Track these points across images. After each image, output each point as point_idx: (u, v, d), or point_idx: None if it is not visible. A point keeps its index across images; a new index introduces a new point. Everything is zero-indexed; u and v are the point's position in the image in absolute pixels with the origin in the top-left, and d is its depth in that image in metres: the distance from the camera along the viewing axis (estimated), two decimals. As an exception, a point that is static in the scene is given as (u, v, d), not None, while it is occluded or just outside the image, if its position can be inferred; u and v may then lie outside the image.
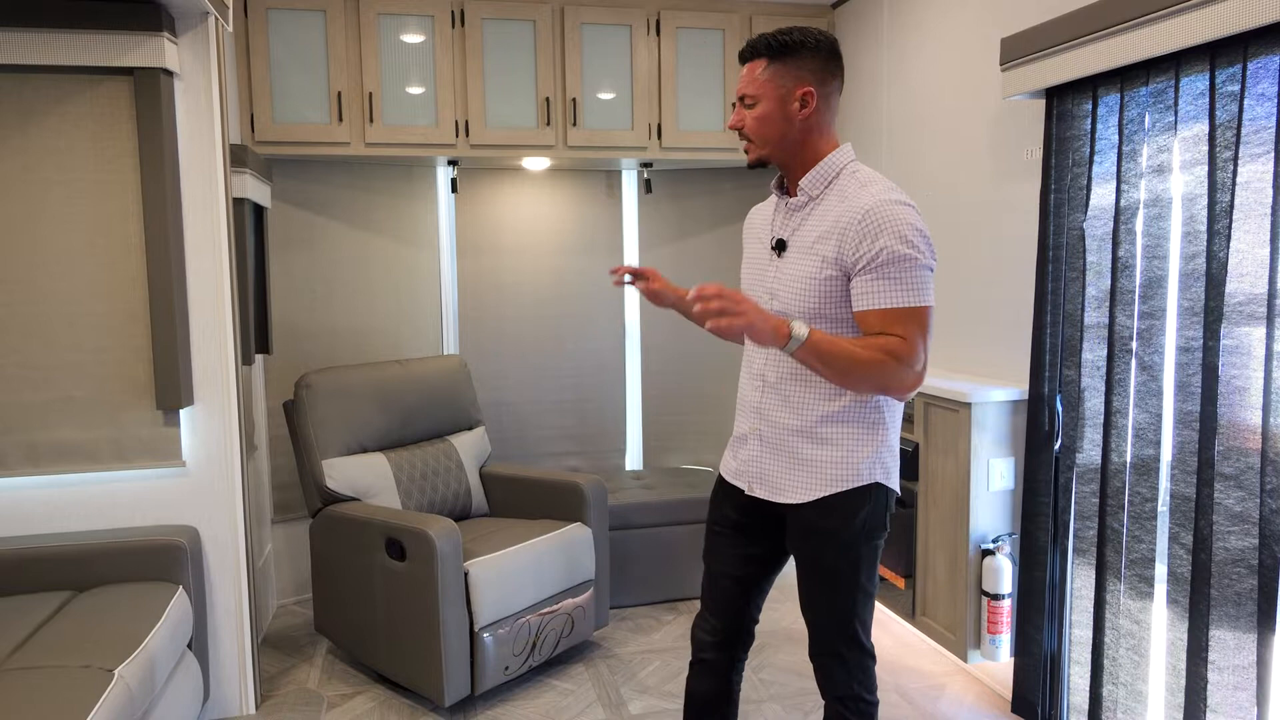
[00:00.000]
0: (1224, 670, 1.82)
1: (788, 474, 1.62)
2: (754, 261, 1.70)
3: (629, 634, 3.06)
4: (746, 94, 1.60)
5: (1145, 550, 2.03)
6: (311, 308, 3.41)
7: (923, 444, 2.62)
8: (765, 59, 1.58)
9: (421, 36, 3.14)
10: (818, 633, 1.67)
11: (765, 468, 1.65)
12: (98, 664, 1.81)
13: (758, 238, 1.71)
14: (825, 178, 1.59)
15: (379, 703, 2.60)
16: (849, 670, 1.65)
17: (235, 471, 2.47)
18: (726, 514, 1.75)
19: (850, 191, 1.55)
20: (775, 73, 1.57)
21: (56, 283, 2.31)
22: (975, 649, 2.49)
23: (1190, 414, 1.89)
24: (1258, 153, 1.73)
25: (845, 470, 1.58)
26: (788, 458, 1.62)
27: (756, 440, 1.66)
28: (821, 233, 1.55)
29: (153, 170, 2.30)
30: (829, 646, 1.66)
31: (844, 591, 1.62)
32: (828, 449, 1.58)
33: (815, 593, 1.65)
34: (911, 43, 3.03)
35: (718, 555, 1.77)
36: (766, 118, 1.58)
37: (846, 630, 1.64)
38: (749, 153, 1.63)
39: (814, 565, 1.63)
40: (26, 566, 2.24)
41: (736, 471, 1.72)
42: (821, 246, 1.54)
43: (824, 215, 1.57)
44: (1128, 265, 2.05)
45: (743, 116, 1.61)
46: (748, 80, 1.60)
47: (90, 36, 2.21)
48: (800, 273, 1.56)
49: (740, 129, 1.62)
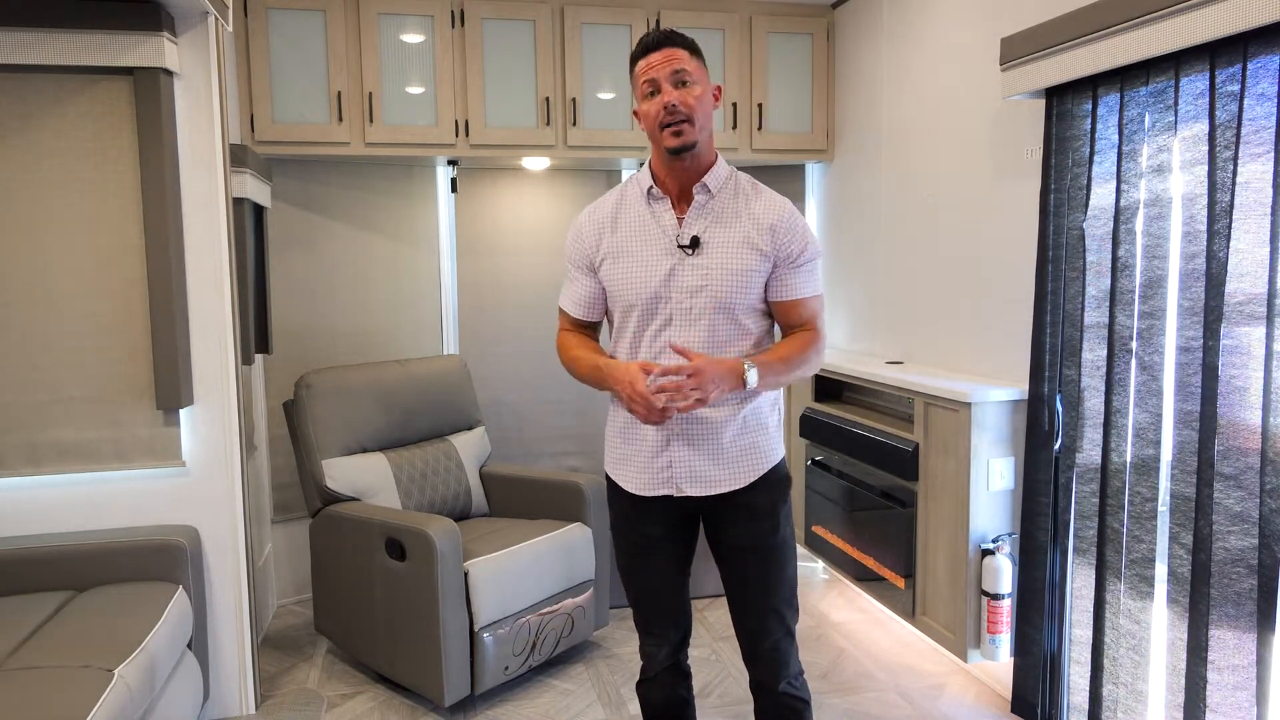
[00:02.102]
0: (1224, 670, 1.82)
1: (720, 466, 1.66)
2: (652, 265, 1.63)
3: (629, 634, 3.06)
4: (685, 70, 1.56)
5: (1145, 550, 2.03)
6: (311, 308, 3.41)
7: (923, 444, 2.62)
8: (687, 50, 1.60)
9: (421, 36, 3.14)
10: (771, 617, 1.70)
11: (695, 466, 1.66)
12: (97, 664, 1.81)
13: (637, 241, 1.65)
14: (722, 178, 1.67)
15: (379, 703, 2.60)
16: (795, 648, 1.73)
17: (235, 471, 2.47)
18: (648, 532, 1.72)
19: (749, 193, 1.67)
20: (698, 64, 1.62)
21: (56, 283, 2.31)
22: (975, 649, 2.49)
23: (1190, 414, 1.89)
24: (1258, 152, 1.73)
25: (773, 446, 1.70)
26: (720, 451, 1.66)
27: (680, 443, 1.65)
28: (749, 229, 1.63)
29: (153, 170, 2.30)
30: (783, 627, 1.71)
31: (791, 565, 1.71)
32: (757, 432, 1.68)
33: (766, 573, 1.68)
34: (911, 42, 3.03)
35: (648, 571, 1.75)
36: (704, 98, 1.60)
37: (793, 603, 1.72)
38: (683, 134, 1.55)
39: (762, 545, 1.68)
40: (26, 566, 2.24)
41: (656, 480, 1.67)
42: (758, 241, 1.63)
43: (737, 213, 1.64)
44: (1128, 265, 2.05)
45: (683, 97, 1.55)
46: (679, 60, 1.56)
47: (90, 36, 2.21)
48: (736, 265, 1.62)
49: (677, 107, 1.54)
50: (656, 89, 1.57)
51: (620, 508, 1.75)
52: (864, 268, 3.40)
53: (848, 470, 3.04)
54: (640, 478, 1.69)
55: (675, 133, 1.56)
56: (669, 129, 1.56)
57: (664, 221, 1.65)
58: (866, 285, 3.39)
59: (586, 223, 1.73)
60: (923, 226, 3.00)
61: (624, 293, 1.66)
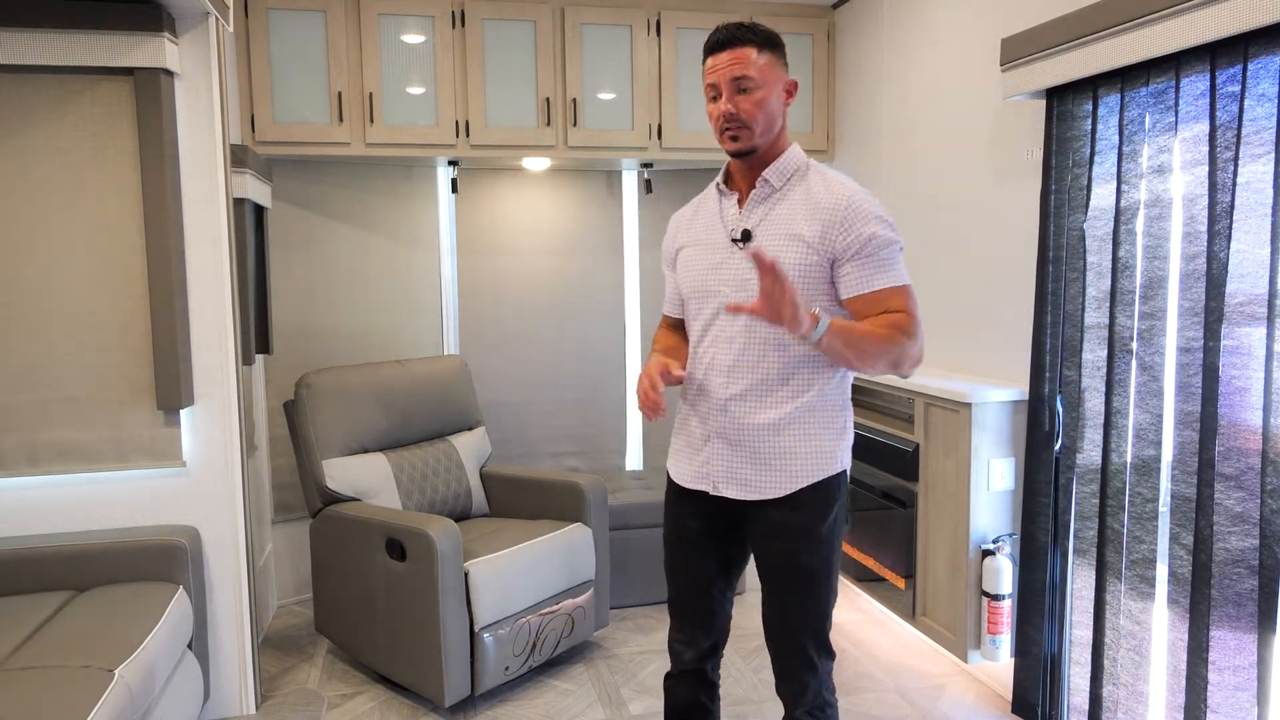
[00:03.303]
0: (1225, 671, 1.82)
1: (758, 470, 1.61)
2: (706, 257, 1.66)
3: (629, 634, 3.06)
4: (746, 76, 1.55)
5: (1146, 551, 2.03)
6: (312, 308, 3.41)
7: (923, 444, 2.62)
8: (755, 46, 1.56)
9: (422, 37, 3.14)
10: (791, 641, 1.62)
11: (733, 466, 1.63)
12: (98, 664, 1.81)
13: (706, 235, 1.68)
14: (787, 171, 1.62)
15: (379, 703, 2.60)
16: (820, 679, 1.64)
17: (235, 471, 2.47)
18: (688, 525, 1.72)
19: (818, 184, 1.59)
20: (769, 60, 1.57)
21: (57, 283, 2.31)
22: (975, 649, 2.49)
23: (1191, 414, 1.89)
24: (1258, 153, 1.73)
25: (820, 461, 1.60)
26: (761, 456, 1.60)
27: (720, 441, 1.63)
28: (798, 222, 1.57)
29: (153, 170, 2.30)
30: (804, 658, 1.62)
31: (818, 594, 1.61)
32: (801, 440, 1.59)
33: (788, 596, 1.61)
34: (912, 43, 3.03)
35: (685, 568, 1.74)
36: (765, 102, 1.57)
37: (820, 635, 1.63)
38: (740, 139, 1.58)
39: (787, 565, 1.61)
40: (27, 566, 2.24)
41: (697, 475, 1.68)
42: (806, 234, 1.55)
43: (795, 206, 1.59)
44: (1128, 266, 2.05)
45: (738, 101, 1.56)
46: (743, 64, 1.55)
47: (91, 37, 2.21)
48: (781, 260, 1.56)
49: (734, 114, 1.56)
50: (718, 93, 1.58)
51: (669, 497, 1.76)
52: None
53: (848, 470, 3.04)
54: (685, 469, 1.71)
55: (732, 137, 1.59)
56: (726, 133, 1.59)
57: (727, 215, 1.66)
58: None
59: (672, 223, 1.80)
60: (923, 227, 3.00)
61: (682, 285, 1.70)
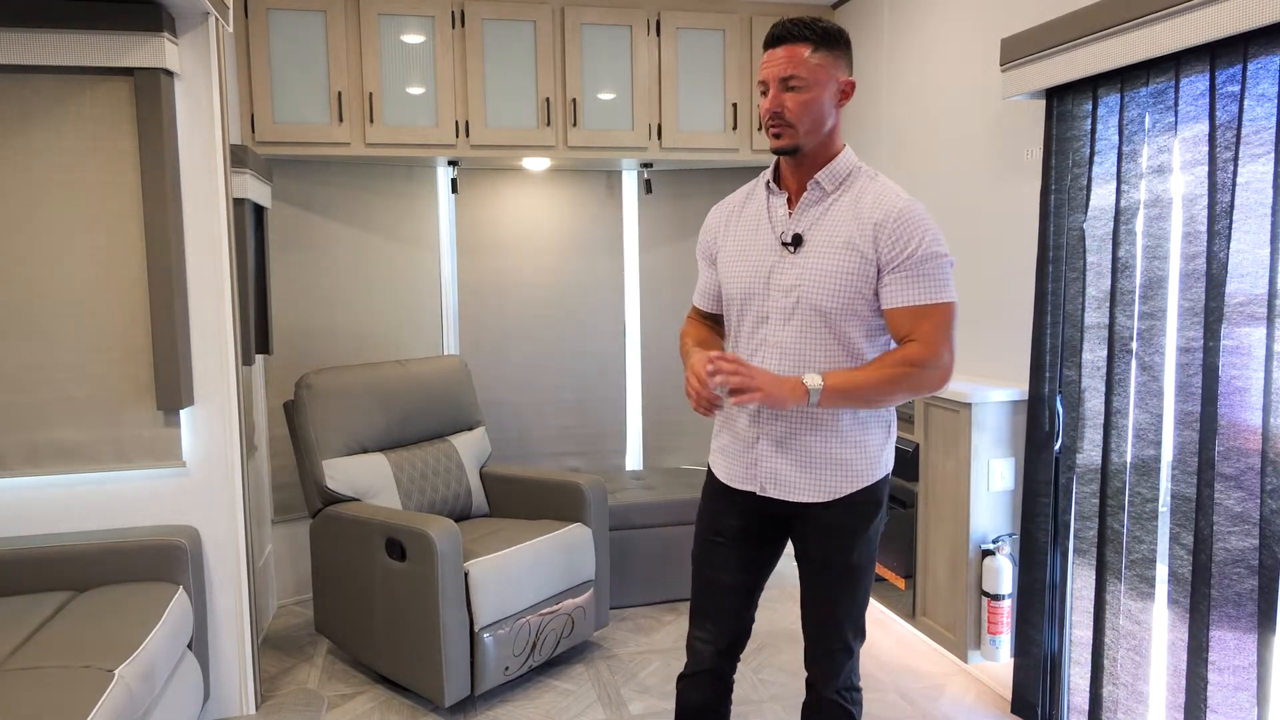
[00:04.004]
0: (1224, 671, 1.82)
1: (805, 473, 1.60)
2: (751, 258, 1.63)
3: (629, 634, 3.06)
4: (795, 75, 1.52)
5: (1145, 551, 2.03)
6: (312, 308, 3.41)
7: (923, 444, 2.62)
8: (811, 44, 1.53)
9: (422, 37, 3.14)
10: (831, 630, 1.67)
11: (778, 468, 1.62)
12: (98, 664, 1.81)
13: (752, 235, 1.65)
14: (840, 175, 1.59)
15: (379, 703, 2.60)
16: (853, 663, 1.70)
17: (235, 471, 2.47)
18: (728, 523, 1.71)
19: (870, 191, 1.56)
20: (824, 59, 1.53)
21: (57, 283, 2.31)
22: (975, 649, 2.49)
23: (1191, 414, 1.89)
24: (1258, 153, 1.73)
25: (869, 465, 1.62)
26: (805, 457, 1.60)
27: (768, 441, 1.62)
28: (853, 230, 1.54)
29: (153, 170, 2.30)
30: (841, 641, 1.67)
31: (863, 586, 1.67)
32: (850, 449, 1.60)
33: (835, 591, 1.65)
34: (912, 43, 3.03)
35: (716, 564, 1.73)
36: (813, 103, 1.53)
37: (859, 623, 1.69)
38: (783, 137, 1.55)
39: (836, 564, 1.64)
40: (27, 566, 2.24)
41: (745, 475, 1.67)
42: (859, 242, 1.53)
43: (845, 212, 1.56)
44: (1128, 266, 2.05)
45: (781, 100, 1.53)
46: (793, 62, 1.52)
47: (91, 37, 2.21)
48: (831, 268, 1.54)
49: (779, 113, 1.54)
50: (767, 89, 1.56)
51: (709, 494, 1.75)
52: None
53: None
54: (732, 469, 1.69)
55: (775, 134, 1.56)
56: (770, 130, 1.57)
57: (776, 216, 1.63)
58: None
59: (713, 215, 1.76)
60: (923, 227, 3.00)
61: (726, 285, 1.68)
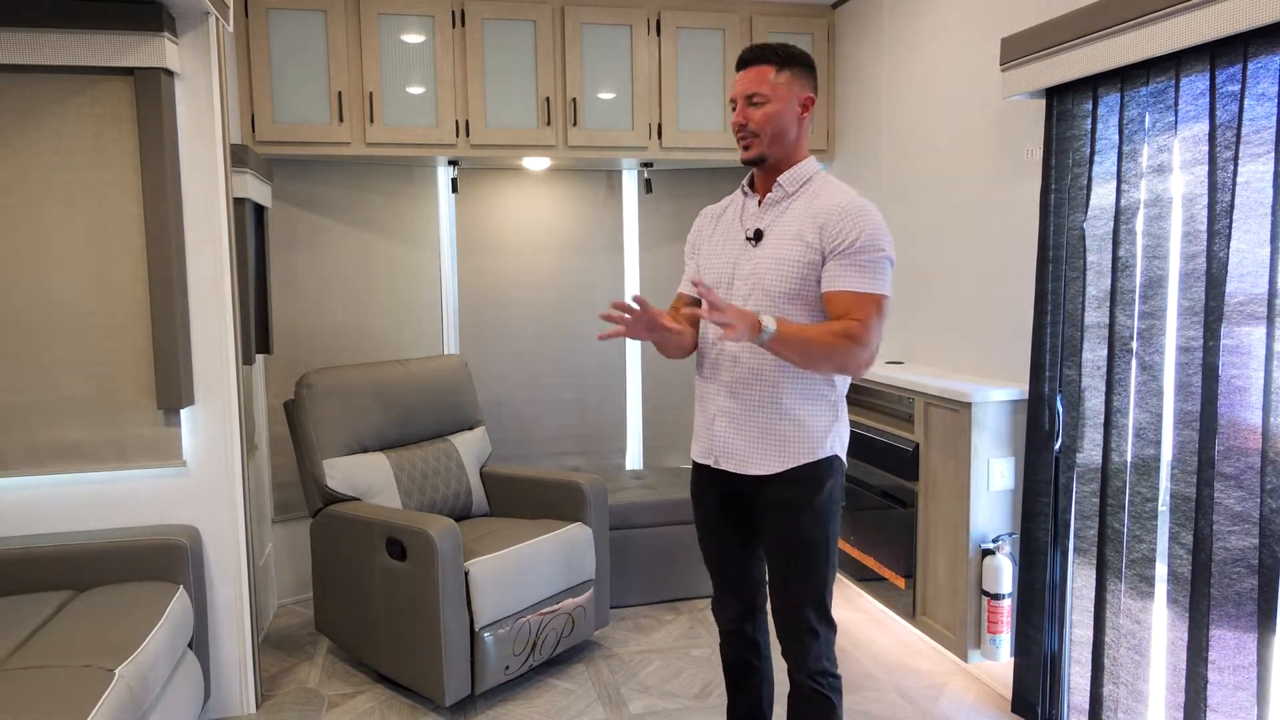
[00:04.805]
0: (1224, 670, 1.82)
1: (753, 448, 1.76)
2: (721, 252, 1.83)
3: (629, 634, 3.06)
4: (759, 93, 1.72)
5: (1145, 550, 2.03)
6: (312, 307, 3.41)
7: (923, 443, 2.62)
8: (774, 66, 1.73)
9: (422, 36, 3.14)
10: (793, 609, 1.76)
11: (730, 442, 1.78)
12: (98, 663, 1.81)
13: (725, 231, 1.85)
14: (800, 179, 1.77)
15: (379, 702, 2.60)
16: (821, 646, 1.78)
17: (236, 471, 2.47)
18: (708, 503, 1.89)
19: (824, 192, 1.74)
20: (786, 79, 1.73)
21: (57, 282, 2.31)
22: (975, 649, 2.49)
23: (1190, 414, 1.89)
24: (1258, 152, 1.73)
25: (809, 445, 1.74)
26: (756, 432, 1.75)
27: (724, 418, 1.79)
28: (803, 224, 1.72)
29: (153, 170, 2.30)
30: (804, 623, 1.76)
31: (820, 563, 1.75)
32: (792, 425, 1.74)
33: (791, 567, 1.75)
34: (912, 42, 3.02)
35: (712, 540, 1.92)
36: (775, 116, 1.73)
37: (821, 603, 1.77)
38: (750, 148, 1.76)
39: (788, 539, 1.75)
40: (27, 566, 2.24)
41: (706, 450, 1.85)
42: (806, 234, 1.70)
43: (801, 210, 1.74)
44: (1128, 265, 2.05)
45: (748, 114, 1.74)
46: (758, 81, 1.73)
47: (91, 36, 2.21)
48: (784, 256, 1.72)
49: (745, 125, 1.74)
50: (735, 106, 1.77)
51: (692, 476, 1.94)
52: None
53: (848, 470, 3.04)
54: (698, 444, 1.88)
55: (744, 146, 1.77)
56: (740, 141, 1.77)
57: (747, 214, 1.82)
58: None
59: (701, 216, 1.96)
60: (922, 226, 3.00)
61: (703, 275, 1.86)
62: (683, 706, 2.55)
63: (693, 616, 3.20)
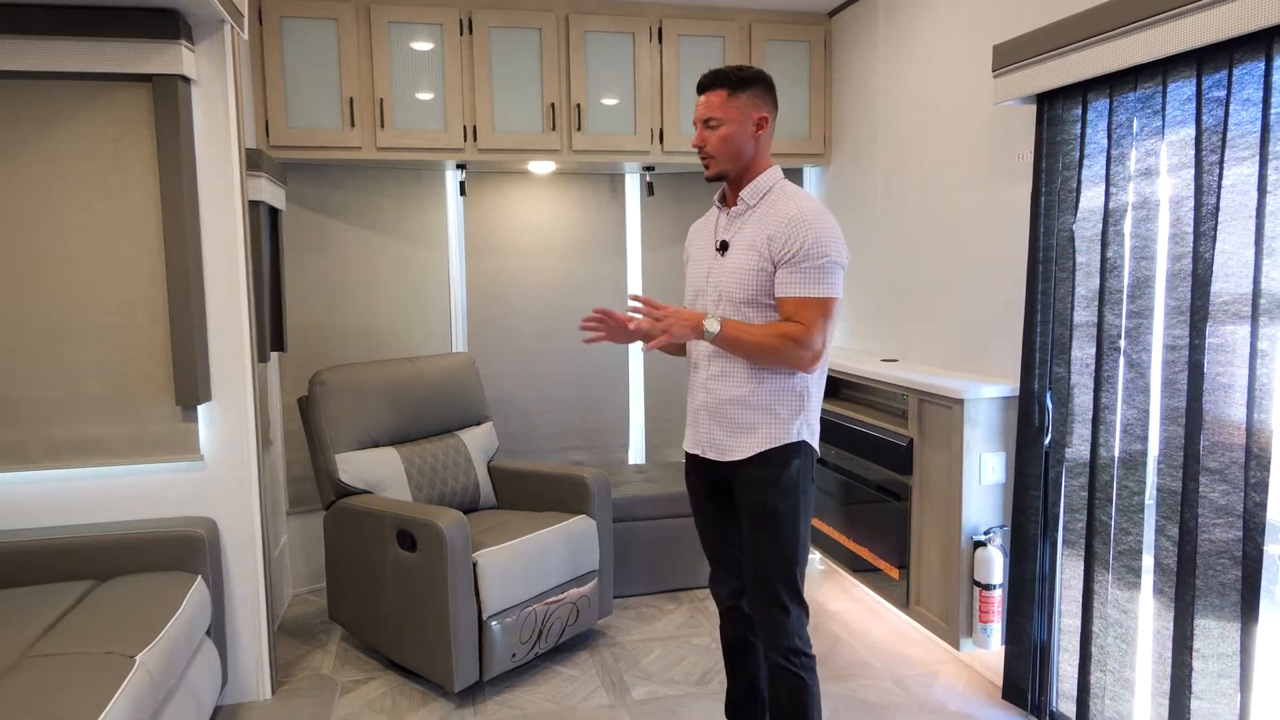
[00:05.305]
0: (1208, 658, 1.82)
1: (731, 438, 1.86)
2: (700, 262, 1.93)
3: (632, 622, 3.06)
4: (711, 117, 1.81)
5: (1132, 542, 2.03)
6: (325, 307, 3.42)
7: (917, 439, 2.62)
8: (726, 90, 1.80)
9: (430, 44, 3.14)
10: (764, 581, 1.84)
11: (713, 435, 1.89)
12: (119, 651, 1.82)
13: (704, 243, 1.94)
14: (761, 190, 1.84)
15: (390, 688, 2.61)
16: (792, 623, 1.83)
17: (251, 465, 2.47)
18: (698, 487, 2.00)
19: (779, 202, 1.81)
20: (738, 101, 1.81)
21: (77, 283, 2.31)
22: (967, 637, 2.49)
23: (1177, 410, 1.88)
24: (1243, 156, 1.72)
25: (778, 431, 1.82)
26: (730, 424, 1.85)
27: (705, 414, 1.90)
28: (758, 234, 1.80)
29: (171, 174, 2.30)
30: (775, 598, 1.83)
31: (787, 535, 1.82)
32: (762, 415, 1.83)
33: (762, 537, 1.83)
34: (906, 49, 3.02)
35: (704, 521, 2.02)
36: (730, 137, 1.81)
37: (790, 578, 1.83)
38: (709, 168, 1.85)
39: (760, 510, 1.83)
40: (49, 557, 2.24)
41: (692, 441, 1.96)
42: (758, 244, 1.79)
43: (759, 221, 1.81)
44: (1116, 266, 2.04)
45: (705, 137, 1.83)
46: (711, 106, 1.81)
47: (111, 44, 2.21)
48: (740, 265, 1.81)
49: (703, 147, 1.83)
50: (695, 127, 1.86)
51: (686, 466, 2.03)
52: (859, 268, 3.39)
53: (844, 464, 3.04)
54: (688, 436, 1.99)
55: (705, 165, 1.86)
56: (702, 162, 1.87)
57: (719, 227, 1.91)
58: (861, 285, 3.39)
59: (691, 230, 2.04)
60: (917, 228, 3.00)
61: (687, 285, 1.97)
62: (684, 693, 2.56)
63: (693, 606, 3.20)
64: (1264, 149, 1.67)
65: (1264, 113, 1.67)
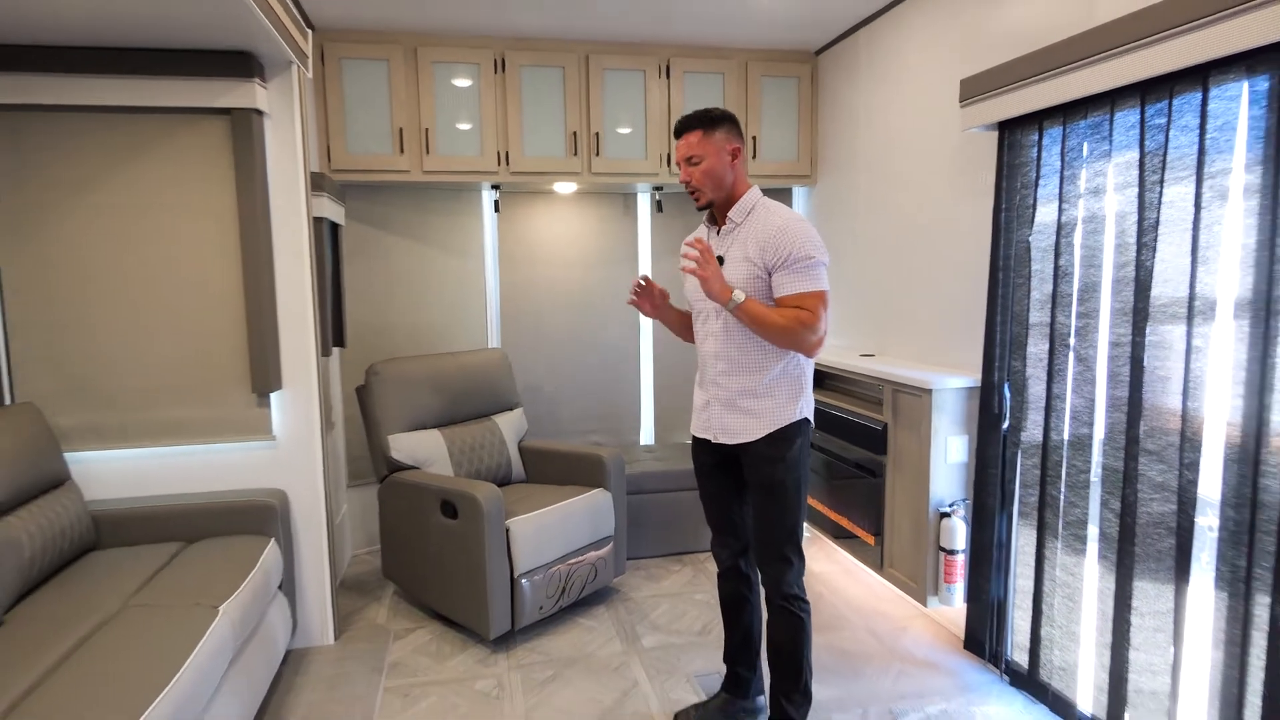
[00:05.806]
0: (1145, 615, 1.81)
1: (740, 423, 1.87)
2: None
3: (643, 581, 3.07)
4: (693, 154, 1.82)
5: (1079, 514, 2.01)
6: (378, 308, 3.43)
7: (891, 423, 2.61)
8: (700, 130, 1.81)
9: (469, 81, 3.13)
10: (770, 541, 1.86)
11: (725, 421, 1.89)
12: (205, 602, 1.84)
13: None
14: (745, 209, 1.85)
15: (435, 635, 2.63)
16: (792, 574, 1.87)
17: (316, 444, 2.49)
18: (704, 460, 2.00)
19: (764, 218, 1.81)
20: (713, 138, 1.82)
21: (167, 289, 2.33)
22: (934, 596, 2.48)
23: (1120, 399, 1.86)
24: (1181, 176, 1.70)
25: (781, 414, 1.84)
26: (739, 412, 1.86)
27: (716, 404, 1.90)
28: (750, 247, 1.80)
29: (247, 194, 2.32)
30: (779, 551, 1.86)
31: (791, 502, 1.84)
32: (768, 402, 1.84)
33: (769, 505, 1.85)
34: (884, 83, 2.99)
35: (709, 490, 2.02)
36: (711, 170, 1.82)
37: (793, 536, 1.86)
38: (699, 199, 1.85)
39: (768, 483, 1.84)
40: (145, 522, 2.27)
41: (703, 428, 1.96)
42: (751, 255, 1.79)
43: (748, 236, 1.82)
44: (1067, 273, 2.02)
45: (690, 173, 1.83)
46: (689, 146, 1.82)
47: (195, 82, 2.22)
48: (737, 276, 1.81)
49: (689, 182, 1.84)
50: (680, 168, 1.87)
51: (692, 445, 2.04)
52: (843, 274, 3.37)
53: (827, 446, 3.03)
54: (696, 422, 1.99)
55: (695, 198, 1.87)
56: (690, 195, 1.88)
57: (712, 244, 1.90)
58: (844, 289, 3.37)
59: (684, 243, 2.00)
60: (893, 239, 2.97)
61: (687, 294, 1.98)
62: (687, 642, 2.57)
63: (696, 567, 3.21)
64: (1200, 170, 1.65)
65: (1200, 138, 1.64)
